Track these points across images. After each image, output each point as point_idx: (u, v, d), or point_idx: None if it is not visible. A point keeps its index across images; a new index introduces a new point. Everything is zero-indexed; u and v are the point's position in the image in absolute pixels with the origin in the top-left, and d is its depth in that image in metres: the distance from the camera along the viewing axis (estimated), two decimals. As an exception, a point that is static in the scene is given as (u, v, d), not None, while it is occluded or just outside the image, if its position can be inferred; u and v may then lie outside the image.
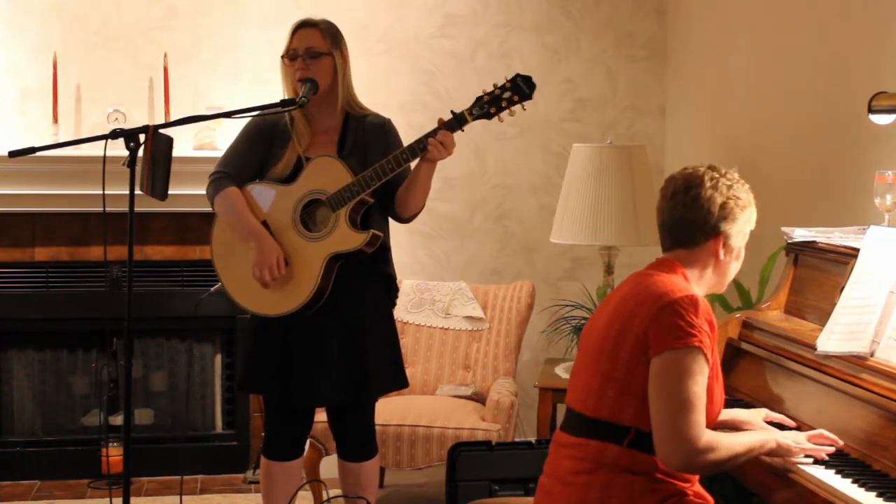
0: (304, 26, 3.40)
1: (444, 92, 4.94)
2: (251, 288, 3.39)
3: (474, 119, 3.29)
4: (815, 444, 2.47)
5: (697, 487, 2.45)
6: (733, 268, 2.54)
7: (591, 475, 2.37)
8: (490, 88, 3.29)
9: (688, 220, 2.48)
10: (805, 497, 2.33)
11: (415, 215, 3.46)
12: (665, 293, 2.37)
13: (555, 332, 4.65)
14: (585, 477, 2.38)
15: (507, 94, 3.28)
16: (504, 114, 3.30)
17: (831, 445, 2.47)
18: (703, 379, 2.32)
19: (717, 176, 2.49)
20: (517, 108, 3.30)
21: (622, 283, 2.58)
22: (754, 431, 2.52)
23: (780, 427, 2.61)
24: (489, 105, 3.28)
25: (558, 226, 4.41)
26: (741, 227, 2.50)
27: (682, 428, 2.28)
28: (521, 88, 3.28)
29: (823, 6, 3.71)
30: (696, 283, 2.49)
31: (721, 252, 2.49)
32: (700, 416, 2.30)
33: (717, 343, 2.40)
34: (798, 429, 2.61)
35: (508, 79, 3.28)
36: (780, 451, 2.45)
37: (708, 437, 2.32)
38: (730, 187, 2.48)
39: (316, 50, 3.36)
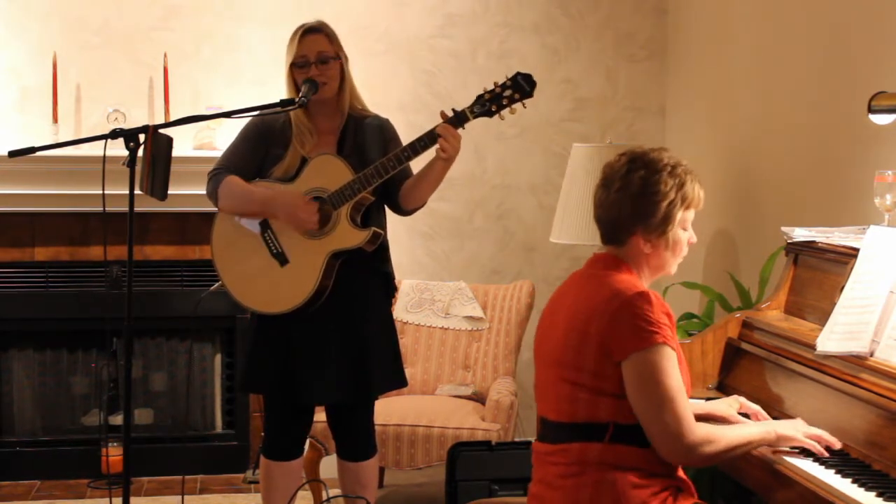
0: (309, 32, 3.37)
1: (444, 92, 4.94)
2: (251, 286, 3.39)
3: (475, 117, 3.29)
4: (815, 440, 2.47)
5: (680, 473, 2.45)
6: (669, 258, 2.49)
7: (580, 477, 2.36)
8: (491, 87, 3.30)
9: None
10: (805, 497, 2.33)
11: (416, 209, 3.47)
12: (615, 294, 2.36)
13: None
14: (574, 479, 2.37)
15: (507, 92, 3.28)
16: (505, 112, 3.31)
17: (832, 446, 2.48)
18: (675, 371, 2.33)
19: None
20: (518, 106, 3.31)
21: (564, 287, 2.55)
22: (755, 423, 2.54)
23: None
24: (490, 103, 3.28)
25: (558, 226, 4.41)
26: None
27: (670, 423, 2.29)
28: (521, 86, 3.28)
29: (824, 6, 3.71)
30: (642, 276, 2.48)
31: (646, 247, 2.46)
32: (683, 407, 2.31)
33: (675, 332, 2.39)
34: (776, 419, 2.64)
35: (509, 77, 3.29)
36: (781, 443, 2.46)
37: (705, 430, 2.33)
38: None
39: (326, 55, 3.35)
